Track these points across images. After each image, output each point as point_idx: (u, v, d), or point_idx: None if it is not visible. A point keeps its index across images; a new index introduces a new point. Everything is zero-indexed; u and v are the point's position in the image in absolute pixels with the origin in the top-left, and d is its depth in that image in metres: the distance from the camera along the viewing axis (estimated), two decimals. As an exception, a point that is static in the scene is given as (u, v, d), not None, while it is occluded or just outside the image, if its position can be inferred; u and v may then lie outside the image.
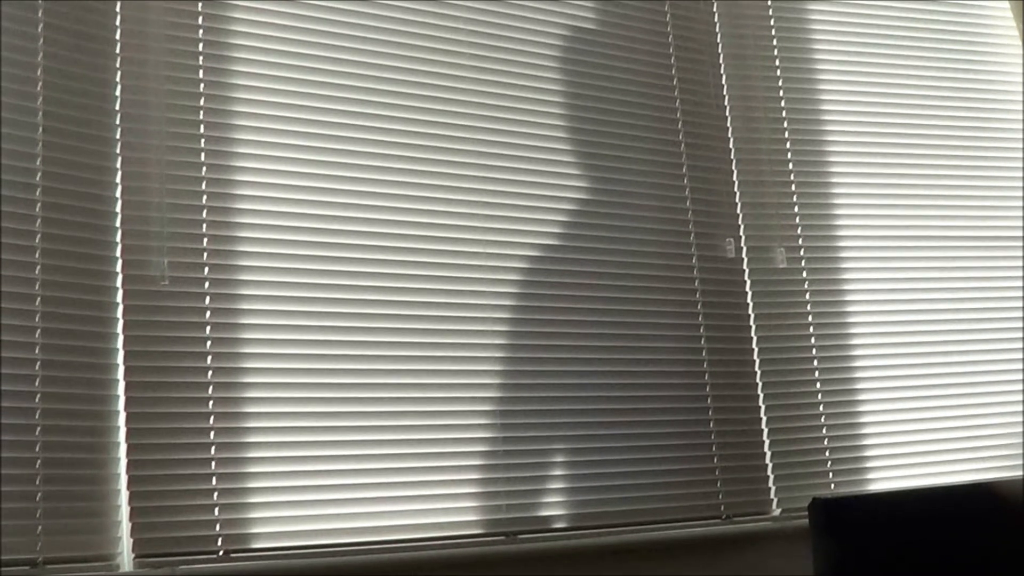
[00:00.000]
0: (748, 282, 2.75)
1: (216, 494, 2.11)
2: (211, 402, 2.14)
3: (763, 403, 2.69)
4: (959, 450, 2.87)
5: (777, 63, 2.91)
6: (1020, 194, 3.12)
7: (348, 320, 2.29)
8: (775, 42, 2.91)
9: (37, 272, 2.02)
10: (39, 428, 1.98)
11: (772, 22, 2.92)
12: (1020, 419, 2.94)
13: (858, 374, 2.83)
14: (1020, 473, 2.82)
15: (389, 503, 2.25)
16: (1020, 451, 2.90)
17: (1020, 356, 2.99)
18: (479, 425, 2.38)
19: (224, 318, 2.18)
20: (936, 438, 2.85)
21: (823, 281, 2.84)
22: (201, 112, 2.23)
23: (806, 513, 2.34)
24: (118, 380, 2.08)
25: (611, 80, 2.69)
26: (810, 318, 2.80)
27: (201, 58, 2.25)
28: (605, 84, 2.68)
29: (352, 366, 2.28)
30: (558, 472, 2.44)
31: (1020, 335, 3.00)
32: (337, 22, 2.40)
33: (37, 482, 1.96)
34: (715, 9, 2.87)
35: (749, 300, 2.74)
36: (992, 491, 2.49)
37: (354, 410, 2.26)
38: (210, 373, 2.15)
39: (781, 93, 2.89)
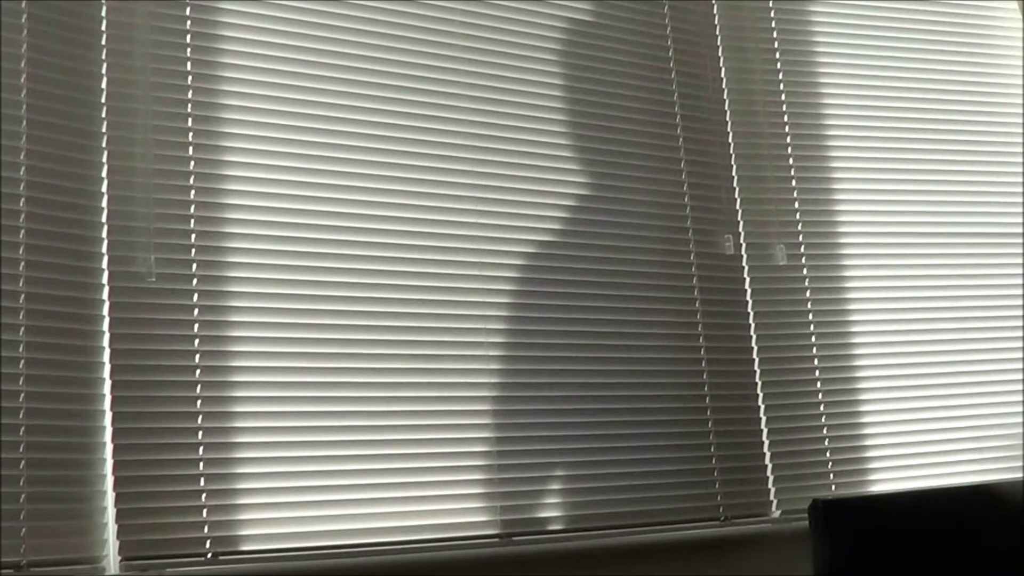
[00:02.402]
0: (747, 280, 2.73)
1: (204, 495, 2.09)
2: (199, 401, 2.12)
3: (762, 403, 2.67)
4: (961, 451, 2.85)
5: (777, 56, 2.88)
6: (1021, 191, 3.09)
7: (339, 318, 2.27)
8: (775, 35, 2.89)
9: (21, 268, 2.00)
10: (23, 428, 1.95)
11: (772, 14, 2.89)
12: (1021, 420, 2.91)
13: (859, 373, 2.80)
14: (1021, 475, 2.80)
15: (381, 504, 2.23)
16: (1021, 452, 2.88)
17: (1021, 356, 2.97)
18: (473, 425, 2.35)
19: (212, 315, 2.16)
20: (938, 439, 2.84)
21: (823, 279, 2.82)
22: (188, 106, 2.21)
23: (806, 515, 2.33)
24: (104, 379, 2.05)
25: (609, 74, 2.66)
26: (810, 316, 2.78)
27: (188, 50, 2.23)
28: (603, 78, 2.65)
29: (343, 365, 2.25)
30: (554, 473, 2.42)
31: (1021, 334, 2.98)
32: (329, 13, 2.37)
33: (21, 483, 1.93)
34: (715, 2, 2.83)
35: (748, 298, 2.72)
36: (993, 493, 2.49)
37: (345, 410, 2.24)
38: (198, 372, 2.12)
39: (781, 87, 2.87)
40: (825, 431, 2.72)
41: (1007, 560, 2.36)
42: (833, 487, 2.69)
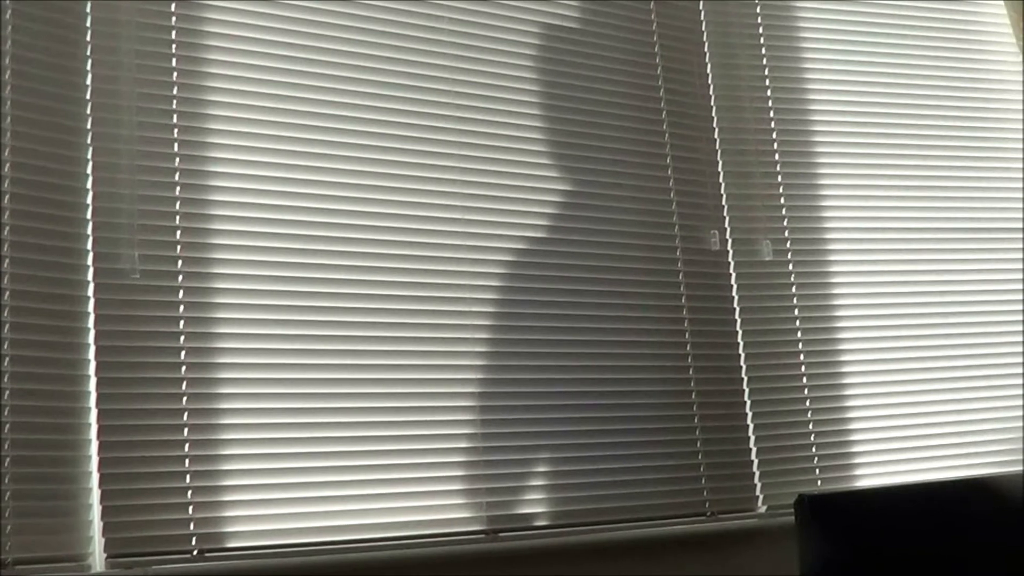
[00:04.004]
0: (733, 275, 2.73)
1: (190, 492, 2.08)
2: (184, 398, 2.11)
3: (748, 398, 2.67)
4: (948, 446, 2.86)
5: (763, 52, 2.88)
6: (1012, 184, 3.11)
7: (325, 315, 2.26)
8: (761, 31, 2.89)
9: (6, 266, 1.98)
10: (8, 425, 1.94)
11: (758, 10, 2.89)
12: (1012, 415, 2.92)
13: (845, 368, 2.81)
14: (1010, 469, 2.81)
15: (367, 501, 2.22)
16: (1009, 447, 2.89)
17: (1015, 351, 2.98)
18: (459, 421, 2.35)
19: (197, 312, 2.15)
20: (924, 434, 2.84)
21: (809, 274, 2.82)
22: (173, 102, 2.20)
23: (792, 510, 2.33)
24: (89, 376, 2.04)
25: (595, 70, 2.66)
26: (796, 312, 2.78)
27: (174, 46, 2.22)
28: (589, 74, 2.65)
29: (329, 361, 2.25)
30: (540, 468, 2.41)
31: (1016, 329, 2.99)
32: (317, 9, 2.37)
33: (6, 481, 1.92)
34: (701, -1, 2.85)
35: (734, 293, 2.72)
36: (981, 487, 2.49)
37: (331, 406, 2.23)
38: (183, 369, 2.12)
39: (767, 83, 2.87)
40: (811, 426, 2.72)
41: (995, 555, 2.36)
42: (819, 482, 2.70)
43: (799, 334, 2.76)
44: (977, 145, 3.11)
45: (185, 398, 2.11)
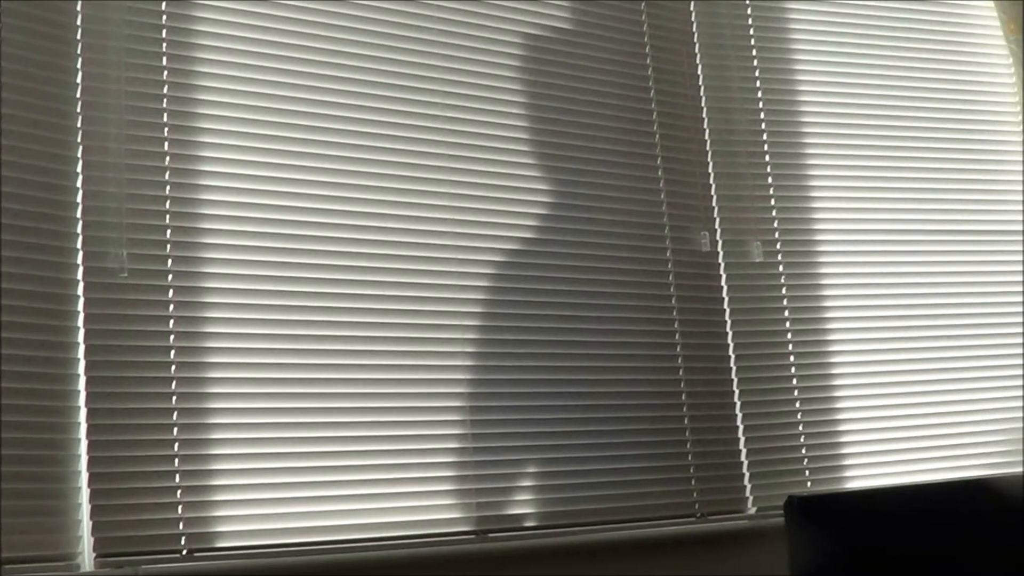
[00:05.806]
0: (723, 276, 2.73)
1: (179, 492, 2.08)
2: (174, 397, 2.11)
3: (738, 399, 2.67)
4: (938, 447, 2.86)
5: (754, 54, 2.88)
6: (1005, 185, 3.12)
7: (313, 315, 2.26)
8: (752, 32, 2.89)
9: (-6, 264, 1.98)
10: (-3, 424, 1.94)
11: (749, 11, 2.90)
12: (1006, 416, 2.93)
13: (835, 370, 2.81)
14: (1003, 470, 2.82)
15: (356, 501, 2.22)
16: (1002, 448, 2.89)
17: (1010, 352, 2.98)
18: (448, 421, 2.35)
19: (186, 311, 2.15)
20: (914, 435, 2.84)
21: (800, 276, 2.82)
22: (163, 101, 2.19)
23: (782, 512, 2.33)
24: (79, 375, 2.03)
25: (585, 72, 2.66)
26: (786, 313, 2.78)
27: (164, 44, 2.22)
28: (580, 75, 2.65)
29: (318, 361, 2.25)
30: (529, 469, 2.41)
31: (1013, 331, 3.00)
32: (308, 9, 2.36)
33: (-4, 480, 1.92)
34: (692, 0, 2.84)
35: (724, 295, 2.72)
36: (973, 489, 2.49)
37: (320, 406, 2.23)
38: (173, 368, 2.11)
39: (758, 85, 2.87)
40: (801, 427, 2.73)
41: (987, 556, 2.36)
42: (809, 484, 2.70)
43: (789, 335, 2.77)
44: (967, 146, 3.11)
45: (174, 397, 2.11)
